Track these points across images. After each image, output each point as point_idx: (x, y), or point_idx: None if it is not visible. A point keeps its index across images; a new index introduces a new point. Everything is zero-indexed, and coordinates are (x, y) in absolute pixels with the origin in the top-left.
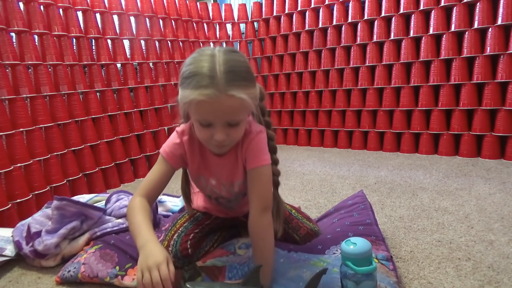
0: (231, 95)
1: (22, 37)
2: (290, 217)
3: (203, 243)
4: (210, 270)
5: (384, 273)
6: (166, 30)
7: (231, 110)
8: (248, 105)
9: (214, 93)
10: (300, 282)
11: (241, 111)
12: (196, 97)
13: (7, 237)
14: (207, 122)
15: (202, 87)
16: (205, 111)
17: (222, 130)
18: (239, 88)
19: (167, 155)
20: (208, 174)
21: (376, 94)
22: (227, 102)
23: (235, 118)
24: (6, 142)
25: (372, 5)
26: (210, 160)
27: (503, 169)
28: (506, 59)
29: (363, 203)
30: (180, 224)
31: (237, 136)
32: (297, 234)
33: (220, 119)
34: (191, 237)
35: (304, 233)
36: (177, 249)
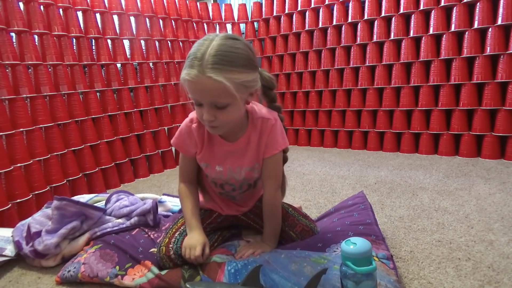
0: (209, 77)
1: (22, 37)
2: (286, 215)
3: None
4: (209, 266)
5: (384, 271)
6: (166, 30)
7: (211, 92)
8: (230, 90)
9: (195, 74)
10: (301, 276)
11: (222, 95)
12: (184, 76)
13: (7, 237)
14: (197, 102)
15: (189, 67)
16: (191, 90)
17: (208, 110)
18: (220, 72)
19: (177, 146)
20: (216, 159)
21: (376, 94)
22: (207, 83)
23: (217, 100)
24: (6, 142)
25: (372, 5)
26: (221, 145)
27: (503, 169)
28: (506, 59)
29: (363, 203)
30: (182, 223)
31: (227, 119)
32: (293, 231)
33: (203, 99)
34: None
35: (300, 229)
36: (177, 247)
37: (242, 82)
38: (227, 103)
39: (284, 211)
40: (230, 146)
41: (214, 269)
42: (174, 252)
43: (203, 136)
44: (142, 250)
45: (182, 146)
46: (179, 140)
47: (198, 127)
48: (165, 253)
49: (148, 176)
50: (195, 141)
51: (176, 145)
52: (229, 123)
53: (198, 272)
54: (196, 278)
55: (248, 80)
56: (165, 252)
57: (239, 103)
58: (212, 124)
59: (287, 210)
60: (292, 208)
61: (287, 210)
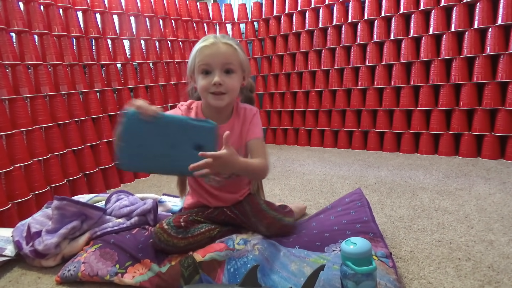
0: (226, 43)
1: (22, 37)
2: (257, 209)
3: (198, 225)
4: (209, 265)
5: (383, 270)
6: (166, 30)
7: (227, 54)
8: (241, 57)
9: (212, 41)
10: (301, 277)
11: (233, 59)
12: (200, 45)
13: (7, 237)
14: (207, 69)
15: (205, 40)
16: (206, 56)
17: (219, 74)
18: (232, 42)
19: None
20: None
21: (376, 94)
22: (223, 48)
23: (230, 62)
24: (6, 142)
25: (372, 5)
26: None
27: (503, 169)
28: (506, 59)
29: (360, 200)
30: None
31: (232, 86)
32: (261, 224)
33: (217, 61)
34: (184, 217)
35: (267, 222)
36: (170, 220)
37: (243, 61)
38: (234, 69)
39: (259, 207)
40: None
41: (213, 268)
42: (167, 224)
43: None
44: (142, 248)
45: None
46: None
47: (187, 109)
48: (159, 226)
49: (148, 176)
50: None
51: None
52: (231, 92)
53: (197, 272)
54: (195, 277)
55: (246, 63)
56: (159, 226)
57: (239, 76)
58: (220, 89)
59: (261, 206)
60: (266, 203)
61: (260, 205)
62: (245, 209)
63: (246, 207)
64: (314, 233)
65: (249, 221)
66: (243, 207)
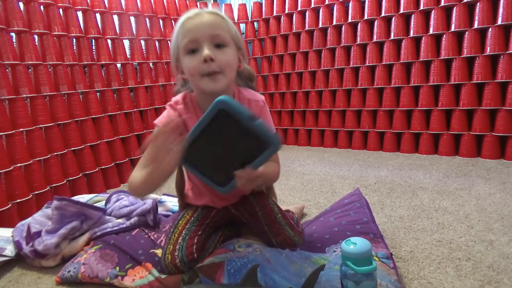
0: (212, 12)
1: (22, 37)
2: (273, 221)
3: (206, 245)
4: (209, 268)
5: (384, 271)
6: (166, 30)
7: (215, 24)
8: (233, 30)
9: (195, 12)
10: (302, 277)
11: (225, 30)
12: (182, 19)
13: (7, 237)
14: (193, 47)
15: (187, 13)
16: (189, 29)
17: (209, 47)
18: (221, 13)
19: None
20: None
21: (376, 94)
22: (207, 17)
23: (217, 34)
24: (6, 142)
25: (372, 5)
26: None
27: (503, 169)
28: (506, 59)
29: (359, 201)
30: (182, 226)
31: (226, 61)
32: (275, 239)
33: (203, 34)
34: (196, 241)
35: (281, 239)
36: (183, 254)
37: (236, 34)
38: (226, 42)
39: (273, 216)
40: None
41: (213, 269)
42: (180, 260)
43: (192, 115)
44: (143, 252)
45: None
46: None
47: (186, 107)
48: (171, 262)
49: None
50: (182, 122)
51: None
52: (227, 70)
53: (197, 274)
54: (195, 280)
55: (240, 39)
56: (170, 261)
57: (233, 51)
58: (212, 67)
59: (276, 216)
60: (282, 214)
61: (276, 216)
62: (255, 210)
63: (256, 209)
64: (314, 236)
65: (259, 224)
66: (253, 208)
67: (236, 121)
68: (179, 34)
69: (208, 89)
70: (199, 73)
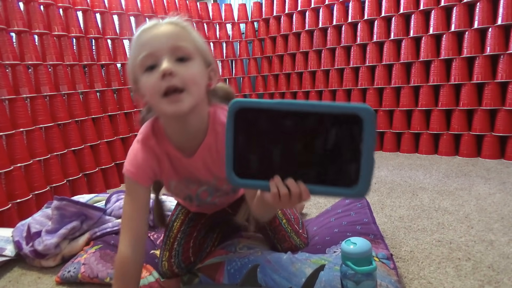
0: (171, 22)
1: (22, 37)
2: (278, 228)
3: (204, 245)
4: (208, 268)
5: (385, 272)
6: None
7: (174, 35)
8: (198, 41)
9: (154, 22)
10: (302, 277)
11: (188, 42)
12: (138, 33)
13: (7, 237)
14: (151, 63)
15: (143, 25)
16: (145, 42)
17: (168, 60)
18: (182, 23)
19: (134, 175)
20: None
21: (376, 94)
22: (169, 27)
23: (180, 45)
24: (6, 142)
25: (372, 5)
26: (179, 160)
27: (503, 169)
28: (506, 59)
29: (360, 201)
30: (177, 228)
31: (190, 76)
32: (280, 246)
33: (162, 44)
34: (192, 244)
35: (288, 246)
36: (180, 260)
37: (202, 47)
38: (189, 55)
39: (277, 222)
40: (189, 160)
41: (213, 269)
42: (177, 266)
43: (164, 151)
44: None
45: (141, 173)
46: (136, 165)
47: (158, 142)
48: (168, 269)
49: None
50: (156, 160)
51: (133, 174)
52: (192, 87)
53: (197, 275)
54: (194, 280)
55: (208, 53)
56: (168, 268)
57: (200, 65)
58: (172, 82)
59: (281, 222)
60: (286, 219)
61: (280, 222)
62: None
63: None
64: (316, 239)
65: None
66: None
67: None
68: (135, 49)
69: (170, 111)
70: (158, 92)
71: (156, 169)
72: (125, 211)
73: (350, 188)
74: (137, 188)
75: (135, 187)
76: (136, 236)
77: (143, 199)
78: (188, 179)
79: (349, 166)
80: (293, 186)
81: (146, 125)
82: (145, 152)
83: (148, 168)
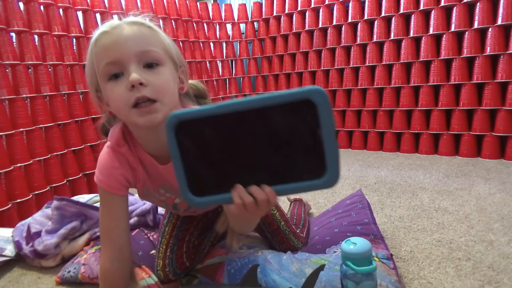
0: (135, 22)
1: (22, 37)
2: (277, 231)
3: (201, 246)
4: (208, 269)
5: (385, 271)
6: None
7: (140, 38)
8: (166, 42)
9: (115, 23)
10: (302, 277)
11: (155, 43)
12: (97, 35)
13: (7, 237)
14: (115, 68)
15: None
16: (107, 47)
17: (136, 70)
18: (148, 22)
19: (106, 184)
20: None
21: (376, 94)
22: (133, 29)
23: (148, 49)
24: (6, 142)
25: (372, 5)
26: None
27: (503, 169)
28: (506, 59)
29: (361, 202)
30: (169, 233)
31: (160, 84)
32: (278, 247)
33: (127, 50)
34: (185, 249)
35: (286, 247)
36: (174, 268)
37: (171, 48)
38: (158, 60)
39: (276, 225)
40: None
41: (213, 269)
42: (173, 274)
43: (137, 159)
44: (143, 253)
45: (114, 182)
46: (107, 174)
47: (130, 148)
48: (164, 277)
49: None
50: (129, 167)
51: (105, 184)
52: (165, 95)
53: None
54: (194, 281)
55: (177, 53)
56: (164, 277)
57: (171, 70)
58: (143, 92)
59: (279, 225)
60: (285, 221)
61: (279, 224)
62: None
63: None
64: (316, 238)
65: (259, 231)
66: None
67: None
68: (95, 54)
69: (142, 123)
70: (127, 104)
71: (130, 177)
72: (102, 223)
73: (319, 178)
74: (112, 198)
75: (110, 198)
76: (118, 247)
77: (120, 208)
78: (164, 187)
79: (313, 156)
80: (257, 192)
81: (115, 130)
82: (117, 160)
83: (120, 176)
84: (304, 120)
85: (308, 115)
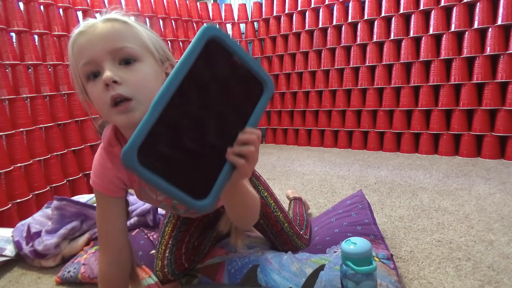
0: (109, 19)
1: (22, 37)
2: (280, 232)
3: (201, 247)
4: (208, 268)
5: (385, 271)
6: (166, 30)
7: (112, 34)
8: (145, 36)
9: (90, 22)
10: (302, 277)
11: (130, 39)
12: (73, 36)
13: (7, 237)
14: (92, 67)
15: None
16: (82, 46)
17: (111, 68)
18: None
19: (101, 187)
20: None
21: (376, 94)
22: (106, 26)
23: (122, 46)
24: (6, 142)
25: (372, 5)
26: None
27: (503, 169)
28: (506, 59)
29: (362, 202)
30: (169, 234)
31: (136, 82)
32: (281, 247)
33: (100, 48)
34: (184, 250)
35: (288, 248)
36: (173, 269)
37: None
38: (134, 55)
39: (279, 226)
40: None
41: (214, 269)
42: (172, 275)
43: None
44: (143, 254)
45: (109, 185)
46: (102, 177)
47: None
48: (163, 278)
49: None
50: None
51: (100, 187)
52: (142, 93)
53: (195, 276)
54: (193, 281)
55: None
56: (162, 277)
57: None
58: (118, 90)
59: (283, 226)
60: (288, 222)
61: (282, 226)
62: (258, 222)
63: (260, 221)
64: (316, 239)
65: (262, 231)
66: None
67: (228, 56)
68: (73, 55)
69: (121, 122)
70: (105, 103)
71: (124, 178)
72: (100, 226)
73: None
74: (108, 201)
75: (106, 200)
76: (116, 250)
77: (116, 211)
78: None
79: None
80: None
81: (107, 131)
82: (109, 161)
83: (114, 177)
84: (221, 56)
85: (220, 51)
